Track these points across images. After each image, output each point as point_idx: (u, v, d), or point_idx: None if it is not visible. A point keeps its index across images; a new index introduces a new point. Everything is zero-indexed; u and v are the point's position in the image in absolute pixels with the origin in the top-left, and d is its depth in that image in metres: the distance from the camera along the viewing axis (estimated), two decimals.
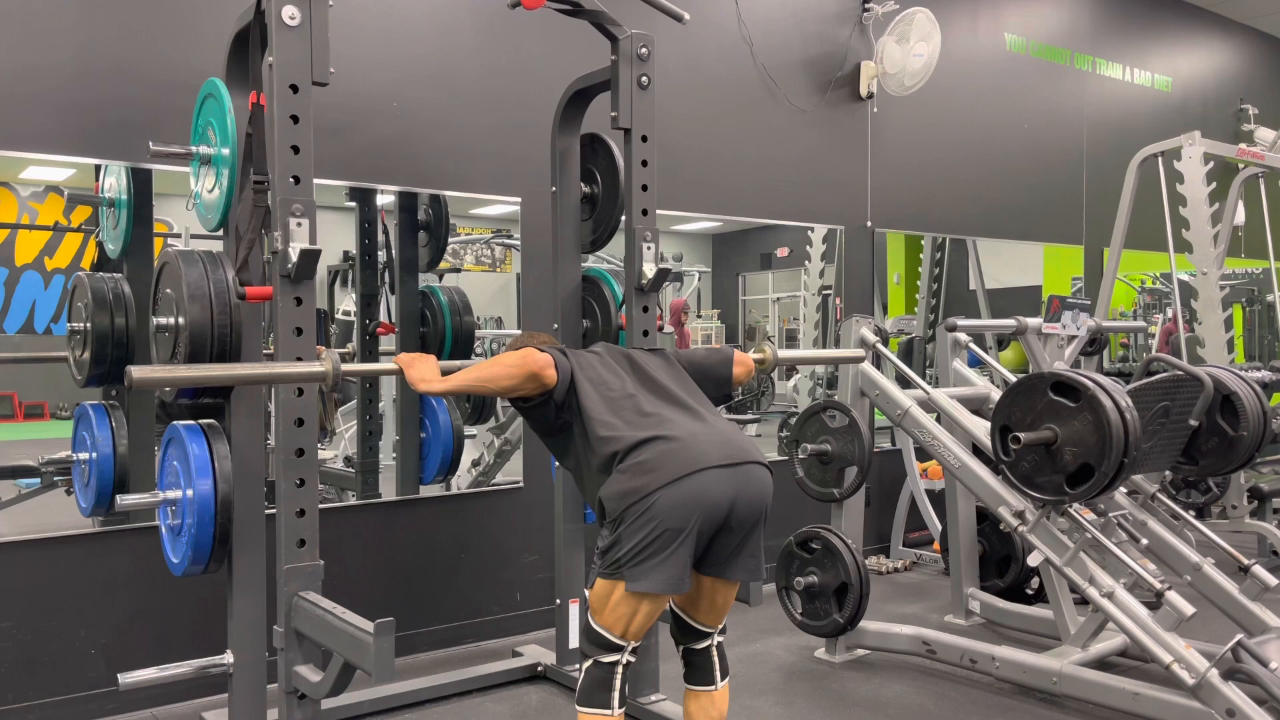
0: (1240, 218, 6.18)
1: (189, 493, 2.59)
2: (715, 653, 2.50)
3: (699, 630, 2.48)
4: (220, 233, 2.86)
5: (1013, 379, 3.60)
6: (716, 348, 2.73)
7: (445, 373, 2.47)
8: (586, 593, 2.37)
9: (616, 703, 2.31)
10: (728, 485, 2.25)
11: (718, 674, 2.48)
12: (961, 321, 4.20)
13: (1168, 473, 3.91)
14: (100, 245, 3.44)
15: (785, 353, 2.91)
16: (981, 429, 3.63)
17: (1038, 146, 6.42)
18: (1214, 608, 3.58)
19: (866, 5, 5.34)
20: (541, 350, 2.41)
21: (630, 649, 2.33)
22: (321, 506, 2.58)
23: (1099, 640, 3.49)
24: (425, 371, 2.45)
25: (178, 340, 2.59)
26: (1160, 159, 5.38)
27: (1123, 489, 3.72)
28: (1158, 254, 5.82)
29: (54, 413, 3.54)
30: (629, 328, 3.22)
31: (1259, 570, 3.55)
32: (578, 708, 2.34)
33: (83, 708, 3.23)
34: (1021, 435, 3.06)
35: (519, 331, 4.55)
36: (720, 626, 2.51)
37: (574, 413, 2.41)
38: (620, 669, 2.32)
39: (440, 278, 4.27)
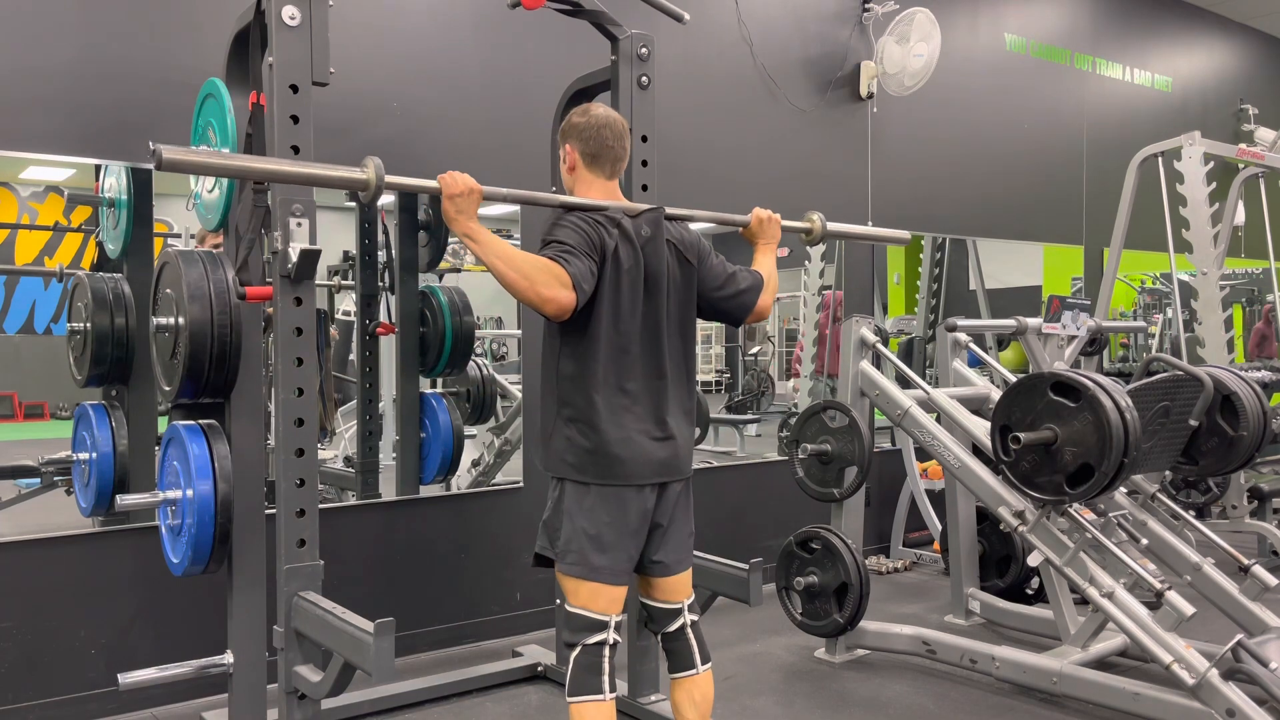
0: (1240, 218, 6.18)
1: (189, 493, 2.59)
2: (692, 634, 2.48)
3: (666, 609, 2.48)
4: (220, 233, 2.86)
5: (1013, 379, 3.60)
6: (743, 288, 2.60)
7: (484, 220, 2.30)
8: (559, 578, 2.40)
9: (608, 687, 2.29)
10: (651, 501, 2.38)
11: (698, 657, 2.47)
12: (961, 321, 4.20)
13: (1168, 473, 3.91)
14: (100, 245, 3.44)
15: (833, 225, 2.99)
16: (981, 429, 3.63)
17: (1038, 146, 6.42)
18: (1214, 608, 3.58)
19: (866, 5, 5.34)
20: (575, 277, 2.21)
21: (614, 626, 2.32)
22: (321, 506, 2.58)
23: (1099, 640, 3.49)
24: (465, 207, 2.22)
25: (178, 340, 2.59)
26: (1160, 159, 5.38)
27: (1123, 489, 3.72)
28: (1158, 254, 5.82)
29: (54, 413, 3.55)
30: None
31: (1259, 570, 3.55)
32: (569, 699, 2.31)
33: (83, 708, 3.23)
34: (1021, 435, 3.06)
35: (519, 332, 4.56)
36: (689, 602, 2.50)
37: (577, 323, 2.31)
38: (607, 650, 2.32)
39: (440, 278, 4.27)
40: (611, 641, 2.33)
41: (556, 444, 2.38)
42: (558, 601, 3.54)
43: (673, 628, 2.48)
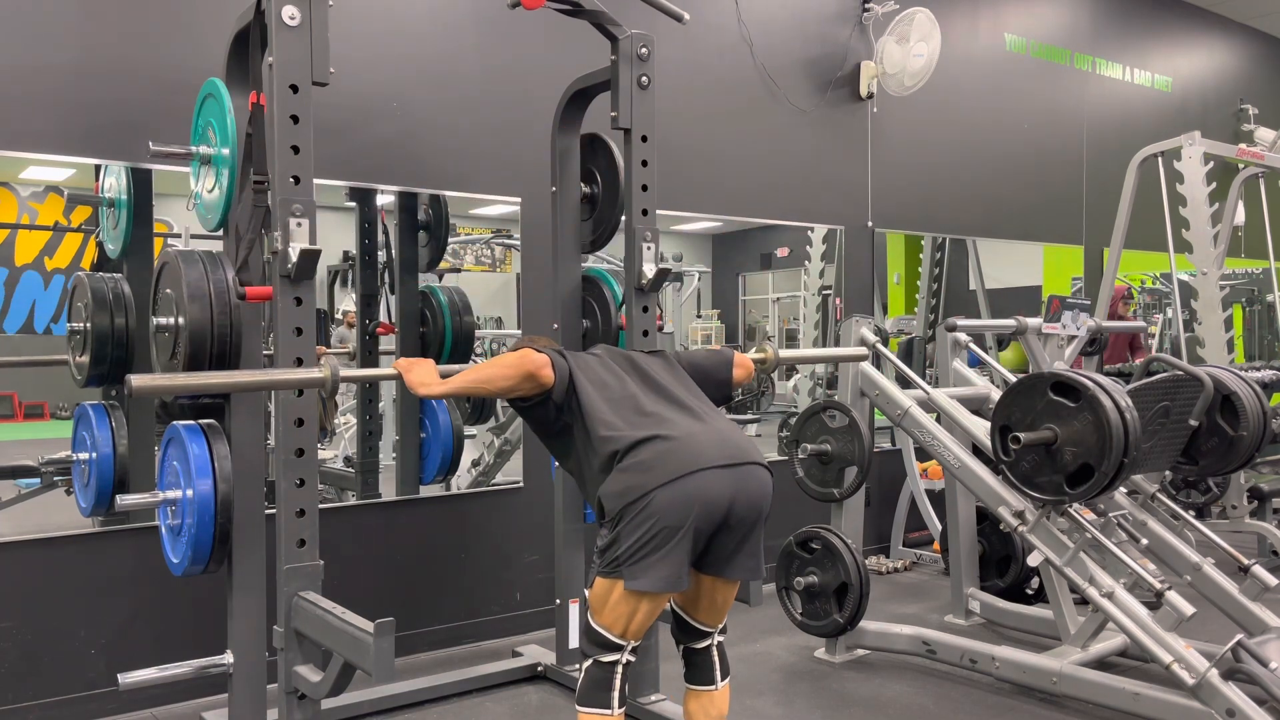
0: (1240, 218, 6.17)
1: (189, 493, 2.59)
2: (716, 652, 2.50)
3: (699, 630, 2.49)
4: (220, 233, 2.86)
5: (1013, 379, 3.60)
6: (717, 350, 2.73)
7: (444, 375, 2.47)
8: (587, 593, 2.38)
9: (616, 703, 2.31)
10: (726, 484, 2.26)
11: (718, 674, 2.49)
12: (961, 321, 4.20)
13: (1168, 473, 3.90)
14: (100, 245, 3.44)
15: (786, 352, 2.90)
16: (981, 429, 3.63)
17: (1038, 146, 6.42)
18: (1214, 608, 3.58)
19: (866, 5, 5.34)
20: (539, 351, 2.41)
21: (630, 649, 2.33)
22: (321, 506, 2.58)
23: (1099, 640, 3.49)
24: (424, 375, 2.46)
25: (178, 340, 2.59)
26: (1160, 159, 5.37)
27: (1123, 489, 3.72)
28: (1158, 254, 5.82)
29: (54, 413, 3.54)
30: (629, 328, 3.22)
31: (1259, 570, 3.55)
32: (578, 707, 2.34)
33: (83, 708, 3.23)
34: (1021, 435, 3.06)
35: (519, 332, 4.56)
36: (721, 626, 2.51)
37: (574, 414, 2.41)
38: (620, 669, 2.32)
39: (440, 278, 4.27)
40: (625, 661, 2.33)
41: (610, 489, 2.28)
42: (557, 601, 3.54)
43: (699, 645, 2.50)
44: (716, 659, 2.50)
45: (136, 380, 2.13)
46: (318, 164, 2.52)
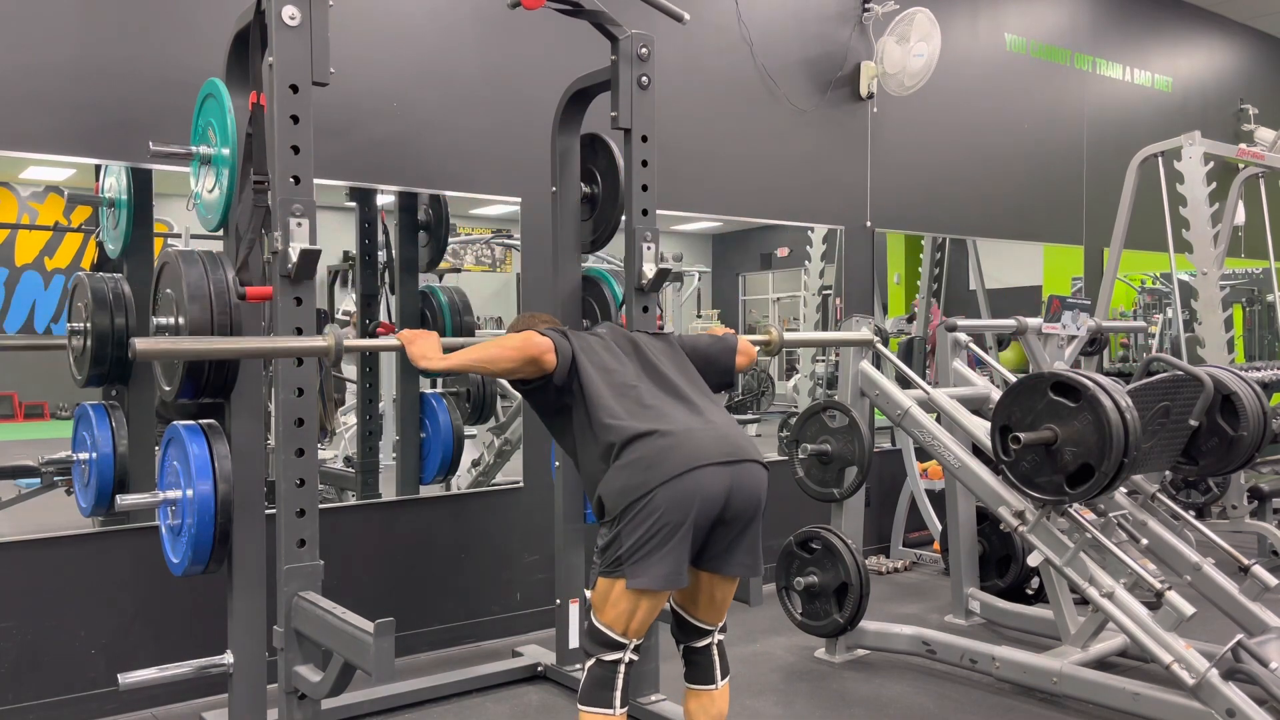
0: (1240, 218, 6.17)
1: (189, 493, 2.59)
2: (716, 651, 2.50)
3: (699, 628, 2.49)
4: (220, 233, 2.86)
5: (1013, 379, 3.60)
6: (720, 336, 2.75)
7: (447, 350, 2.46)
8: (588, 593, 2.38)
9: (619, 702, 2.31)
10: (724, 481, 2.28)
11: (718, 673, 2.49)
12: (961, 321, 4.20)
13: (1168, 473, 3.91)
14: (100, 245, 3.44)
15: (791, 334, 2.97)
16: (981, 429, 3.62)
17: (1038, 146, 6.42)
18: (1214, 608, 3.58)
19: (866, 5, 5.34)
20: (543, 334, 2.41)
21: (632, 647, 2.33)
22: (321, 506, 2.58)
23: (1099, 640, 3.49)
24: (426, 348, 2.45)
25: None
26: (1160, 159, 5.37)
27: (1123, 489, 3.72)
28: (1158, 254, 5.82)
29: (54, 413, 3.54)
30: (629, 328, 3.22)
31: (1259, 570, 3.55)
32: (580, 707, 2.34)
33: (83, 708, 3.23)
34: (1021, 435, 3.06)
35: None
36: (720, 624, 2.51)
37: (575, 396, 2.41)
38: (623, 668, 2.32)
39: (440, 278, 4.27)
40: (628, 660, 2.33)
41: (610, 488, 2.29)
42: (557, 601, 3.54)
43: (699, 644, 2.50)
44: (716, 658, 2.50)
45: (141, 343, 2.14)
46: (318, 164, 2.52)
